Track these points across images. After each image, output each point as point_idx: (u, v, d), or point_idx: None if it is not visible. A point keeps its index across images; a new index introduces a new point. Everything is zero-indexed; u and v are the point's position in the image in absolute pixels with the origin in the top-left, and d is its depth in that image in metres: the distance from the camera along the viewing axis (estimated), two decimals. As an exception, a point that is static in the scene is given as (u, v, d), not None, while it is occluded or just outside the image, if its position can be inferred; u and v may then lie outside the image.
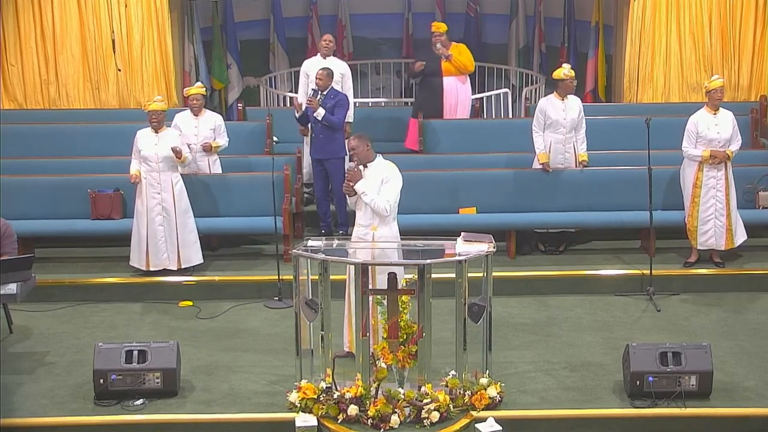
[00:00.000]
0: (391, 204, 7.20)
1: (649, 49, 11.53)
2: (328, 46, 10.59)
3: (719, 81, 9.04)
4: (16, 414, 6.72)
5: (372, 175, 7.24)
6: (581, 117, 9.47)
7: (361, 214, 7.30)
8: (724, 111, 9.06)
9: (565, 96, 9.44)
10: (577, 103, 9.51)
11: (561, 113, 9.40)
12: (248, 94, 13.83)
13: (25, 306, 8.41)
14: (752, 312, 8.47)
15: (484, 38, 14.30)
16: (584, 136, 9.53)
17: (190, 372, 7.29)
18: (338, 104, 9.77)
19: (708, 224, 9.05)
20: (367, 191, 7.18)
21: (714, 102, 9.00)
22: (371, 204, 7.18)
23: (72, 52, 11.53)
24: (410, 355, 6.68)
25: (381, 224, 7.22)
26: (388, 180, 7.22)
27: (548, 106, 9.46)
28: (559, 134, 9.47)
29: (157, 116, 8.98)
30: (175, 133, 9.15)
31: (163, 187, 8.95)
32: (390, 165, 7.33)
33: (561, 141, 9.50)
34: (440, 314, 7.05)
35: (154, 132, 9.00)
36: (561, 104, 9.43)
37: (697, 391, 6.75)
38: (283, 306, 8.65)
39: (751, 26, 11.45)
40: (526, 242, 9.72)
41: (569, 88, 9.45)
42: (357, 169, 7.26)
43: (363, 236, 7.25)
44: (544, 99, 9.68)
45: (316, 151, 9.88)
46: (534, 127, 9.49)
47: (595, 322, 8.28)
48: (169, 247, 8.97)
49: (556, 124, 9.42)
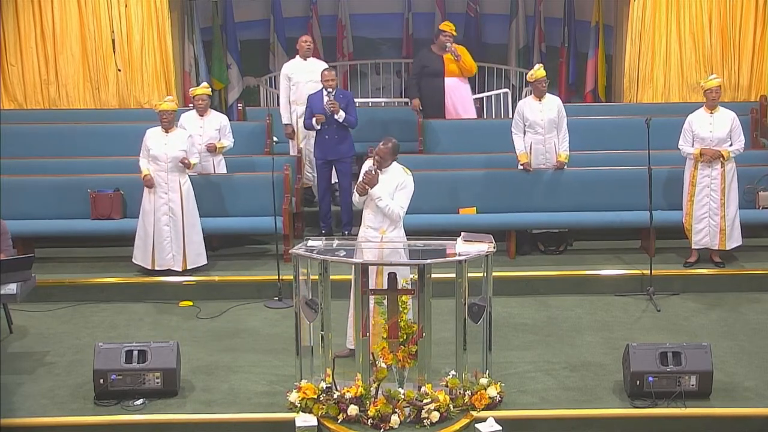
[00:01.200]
0: (404, 210, 7.26)
1: (649, 49, 11.53)
2: (309, 47, 10.56)
3: (716, 81, 9.05)
4: (16, 414, 6.72)
5: (387, 180, 7.24)
6: (561, 116, 9.47)
7: (371, 216, 7.31)
8: (724, 111, 9.06)
9: (542, 97, 9.46)
10: (555, 103, 9.53)
11: (538, 114, 9.43)
12: (248, 94, 13.83)
13: (25, 306, 8.41)
14: (752, 312, 8.47)
15: (484, 38, 14.30)
16: (565, 136, 9.50)
17: (190, 372, 7.28)
18: (349, 103, 9.78)
19: (702, 223, 9.06)
20: (383, 196, 7.19)
21: (710, 101, 9.02)
22: (385, 209, 7.20)
23: (72, 52, 11.53)
24: (410, 355, 6.67)
25: (390, 228, 7.25)
26: (404, 186, 7.24)
27: (525, 108, 9.51)
28: (538, 135, 9.50)
29: (168, 116, 8.96)
30: (185, 134, 9.11)
31: (171, 188, 8.94)
32: (405, 171, 7.33)
33: (540, 141, 9.52)
34: (440, 314, 7.05)
35: (164, 132, 8.98)
36: (538, 105, 9.45)
37: (697, 391, 6.75)
38: (283, 306, 8.66)
39: (751, 26, 11.45)
40: (526, 242, 9.73)
41: (538, 88, 9.45)
42: (376, 172, 7.24)
43: (371, 237, 7.26)
44: (522, 101, 9.78)
45: (329, 152, 9.82)
46: (513, 129, 9.55)
47: (595, 322, 8.28)
48: (175, 248, 8.97)
49: (534, 125, 9.45)
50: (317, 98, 9.74)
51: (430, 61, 10.70)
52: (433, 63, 10.67)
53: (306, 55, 10.51)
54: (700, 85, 9.28)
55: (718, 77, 9.23)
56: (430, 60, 10.70)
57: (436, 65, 10.66)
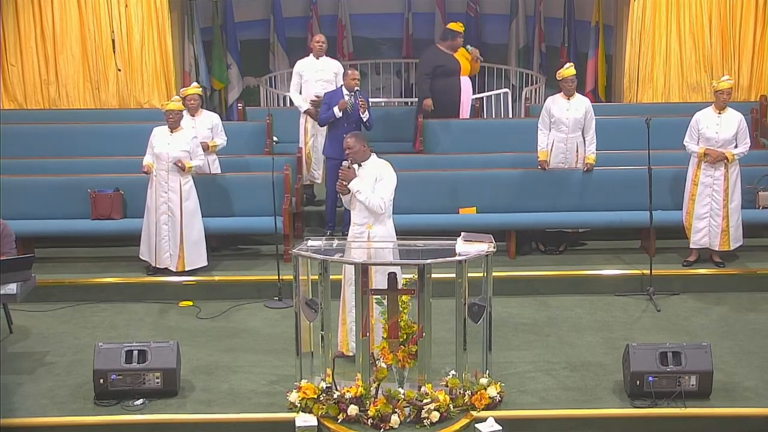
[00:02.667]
0: (386, 202, 7.18)
1: (649, 49, 11.54)
2: (321, 47, 10.56)
3: (728, 82, 9.00)
4: (16, 414, 6.72)
5: (366, 174, 7.24)
6: (589, 118, 9.45)
7: (356, 213, 7.30)
8: (732, 112, 9.02)
9: (571, 95, 9.46)
10: (583, 103, 9.51)
11: (564, 112, 9.41)
12: (248, 94, 13.84)
13: (25, 306, 8.41)
14: (752, 312, 8.47)
15: (484, 38, 14.31)
16: (593, 138, 9.49)
17: (190, 372, 7.28)
18: (368, 104, 9.79)
19: (702, 222, 9.05)
20: (362, 189, 7.18)
21: (720, 102, 8.99)
22: (365, 202, 7.17)
23: (72, 52, 11.53)
24: (410, 355, 6.68)
25: (376, 222, 7.21)
26: (382, 178, 7.21)
27: (553, 105, 9.50)
28: (562, 133, 9.49)
29: (174, 116, 8.95)
30: (189, 134, 9.09)
31: (171, 187, 8.93)
32: (384, 163, 7.32)
33: (563, 140, 9.51)
34: (440, 314, 7.05)
35: (169, 131, 8.98)
36: (566, 103, 9.45)
37: (697, 391, 6.75)
38: (283, 306, 8.65)
39: (751, 26, 11.46)
40: (526, 242, 9.73)
41: (566, 87, 9.45)
42: (351, 167, 7.26)
43: (359, 235, 7.24)
44: (551, 97, 9.72)
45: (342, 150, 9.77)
46: (539, 125, 9.55)
47: (595, 322, 8.28)
48: (172, 248, 8.96)
49: (559, 123, 9.44)
50: (336, 95, 9.71)
51: (443, 60, 10.52)
52: (448, 62, 10.53)
53: (319, 54, 10.53)
54: (712, 86, 9.22)
55: (731, 79, 9.20)
56: (444, 59, 10.52)
57: (451, 64, 10.54)
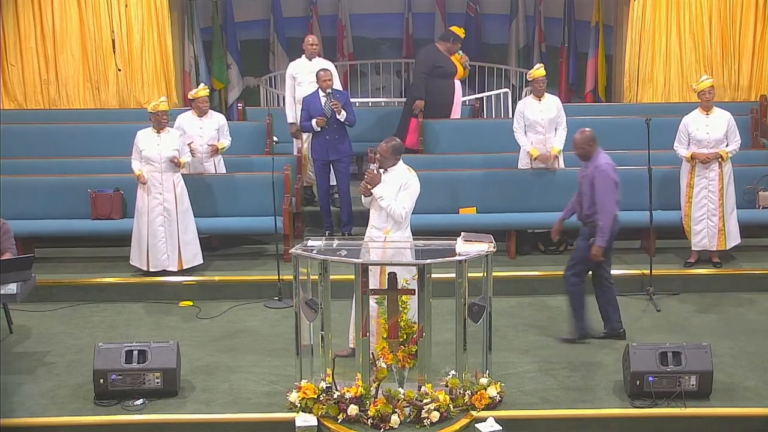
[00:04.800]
0: (407, 211, 7.21)
1: (649, 49, 11.54)
2: (314, 48, 10.52)
3: (708, 82, 9.03)
4: (16, 414, 6.72)
5: (391, 180, 7.22)
6: (559, 116, 9.50)
7: (376, 216, 7.29)
8: (719, 111, 9.05)
9: (541, 96, 9.47)
10: (554, 102, 9.57)
11: (538, 114, 9.47)
12: (248, 94, 13.84)
13: (25, 306, 8.41)
14: (752, 312, 8.47)
15: (484, 38, 14.31)
16: (562, 132, 9.48)
17: (190, 372, 7.28)
18: (347, 102, 9.78)
19: (700, 224, 9.07)
20: (385, 196, 7.16)
21: (705, 102, 9.00)
22: (387, 209, 7.17)
23: (72, 52, 11.54)
24: (410, 355, 6.67)
25: (394, 229, 7.22)
26: (407, 187, 7.20)
27: (525, 108, 9.55)
28: (539, 134, 9.54)
29: (166, 116, 8.98)
30: (176, 133, 9.13)
31: (165, 188, 8.94)
32: (409, 171, 7.30)
33: (541, 141, 9.57)
34: (440, 314, 7.04)
35: (155, 132, 8.98)
36: (537, 105, 9.50)
37: (697, 391, 6.75)
38: (283, 306, 8.66)
39: (751, 26, 11.46)
40: (526, 242, 9.73)
41: (536, 87, 9.50)
42: (378, 172, 7.23)
43: (375, 237, 7.25)
44: (521, 101, 9.81)
45: (329, 151, 9.77)
46: (515, 129, 9.58)
47: (595, 323, 8.26)
48: (170, 248, 8.97)
49: (534, 125, 9.50)
50: (313, 99, 9.73)
51: (442, 61, 10.55)
52: (446, 64, 10.56)
53: (311, 56, 10.48)
54: (692, 88, 9.27)
55: (709, 78, 9.22)
56: (443, 60, 10.56)
57: (449, 66, 10.57)
